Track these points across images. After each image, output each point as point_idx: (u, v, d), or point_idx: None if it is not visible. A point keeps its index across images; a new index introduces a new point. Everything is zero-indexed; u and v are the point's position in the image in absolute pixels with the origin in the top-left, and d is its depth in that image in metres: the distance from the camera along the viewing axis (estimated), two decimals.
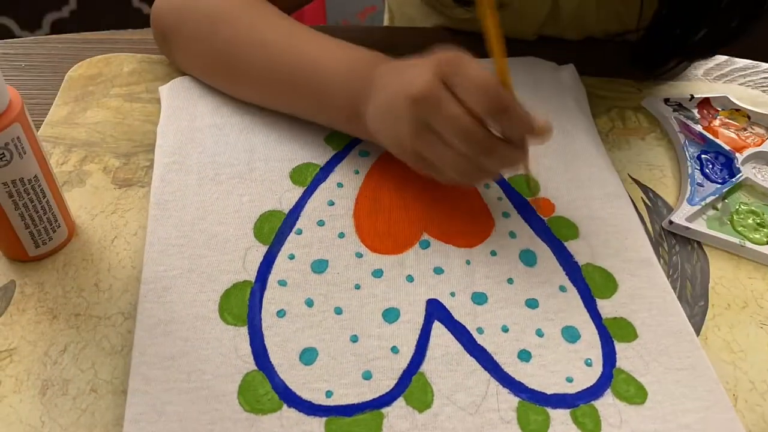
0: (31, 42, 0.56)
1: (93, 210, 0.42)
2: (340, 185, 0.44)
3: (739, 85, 0.58)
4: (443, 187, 0.45)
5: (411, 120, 0.37)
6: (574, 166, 0.47)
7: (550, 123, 0.37)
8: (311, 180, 0.45)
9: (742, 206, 0.46)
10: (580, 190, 0.45)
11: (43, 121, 0.48)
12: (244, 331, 0.36)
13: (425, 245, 0.41)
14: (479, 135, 0.36)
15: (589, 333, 0.37)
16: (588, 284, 0.40)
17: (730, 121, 0.53)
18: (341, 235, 0.41)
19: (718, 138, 0.51)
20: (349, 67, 0.43)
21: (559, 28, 0.60)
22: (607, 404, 0.34)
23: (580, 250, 0.41)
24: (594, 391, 0.35)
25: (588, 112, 0.52)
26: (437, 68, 0.36)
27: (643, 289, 0.40)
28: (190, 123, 0.48)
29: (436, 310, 0.38)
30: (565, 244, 0.42)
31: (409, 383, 0.34)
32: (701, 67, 0.60)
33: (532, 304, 0.38)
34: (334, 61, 0.43)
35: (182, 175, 0.44)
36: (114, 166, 0.45)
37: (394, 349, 0.36)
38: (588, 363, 0.36)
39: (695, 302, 0.40)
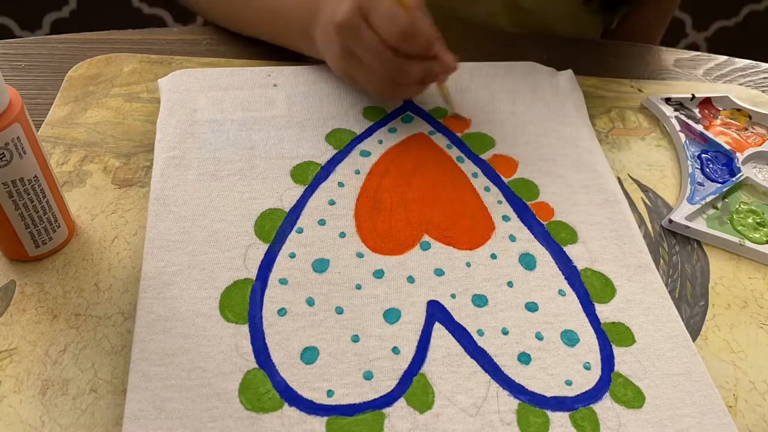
0: (31, 42, 0.56)
1: (93, 210, 0.42)
2: (341, 185, 0.44)
3: (739, 85, 0.58)
4: (444, 189, 0.45)
5: (337, 45, 0.45)
6: (573, 171, 0.47)
7: (455, 62, 0.46)
8: (312, 178, 0.45)
9: (742, 205, 0.46)
10: (579, 195, 0.45)
11: (43, 121, 0.48)
12: (245, 328, 0.36)
13: (426, 247, 0.41)
14: (390, 58, 0.43)
15: (588, 337, 0.37)
16: (587, 289, 0.40)
17: (732, 120, 0.53)
18: (342, 235, 0.41)
19: (718, 137, 0.51)
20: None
21: None
22: (605, 408, 0.34)
23: (579, 255, 0.41)
24: (593, 395, 0.35)
25: (586, 117, 0.52)
26: (357, 1, 0.43)
27: (641, 295, 0.40)
28: (190, 116, 0.48)
29: (436, 312, 0.38)
30: (564, 248, 0.42)
31: (410, 384, 0.34)
32: (701, 67, 0.60)
33: (531, 307, 0.38)
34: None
35: (182, 170, 0.44)
36: (114, 166, 0.45)
37: (395, 350, 0.36)
38: (587, 367, 0.36)
39: (695, 302, 0.40)
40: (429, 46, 0.44)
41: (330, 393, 0.34)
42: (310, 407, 0.33)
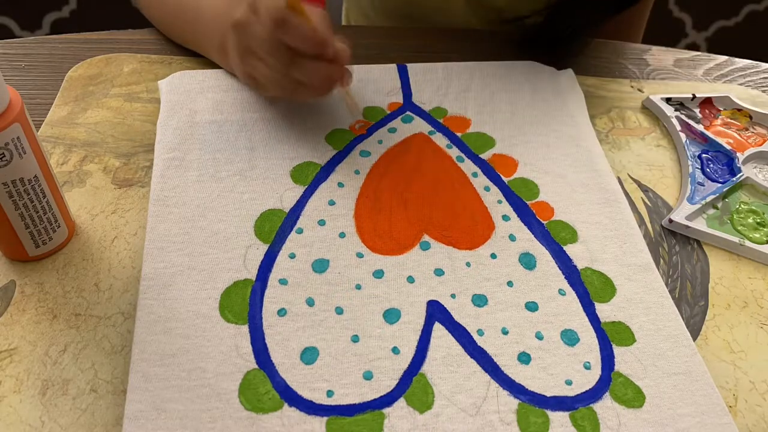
0: (31, 42, 0.56)
1: (93, 210, 0.42)
2: (341, 185, 0.44)
3: (739, 85, 0.58)
4: (444, 189, 0.45)
5: (235, 44, 0.45)
6: (573, 171, 0.47)
7: (345, 48, 0.44)
8: (312, 179, 0.45)
9: (742, 205, 0.46)
10: (579, 194, 0.45)
11: (43, 121, 0.48)
12: (244, 329, 0.36)
13: (426, 246, 0.41)
14: (282, 50, 0.42)
15: (588, 336, 0.37)
16: (587, 288, 0.40)
17: (732, 120, 0.53)
18: (342, 235, 0.41)
19: (719, 138, 0.51)
20: (226, 7, 0.48)
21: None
22: (605, 407, 0.34)
23: (579, 254, 0.41)
24: (593, 394, 0.35)
25: (586, 116, 0.52)
26: (250, 1, 0.43)
27: (641, 294, 0.40)
28: (190, 118, 0.48)
29: (436, 312, 0.38)
30: (564, 248, 0.42)
31: (410, 384, 0.34)
32: (701, 67, 0.60)
33: (531, 307, 0.38)
34: (217, 2, 0.50)
35: (182, 171, 0.44)
36: (114, 166, 0.45)
37: (395, 350, 0.36)
38: (587, 366, 0.36)
39: (695, 302, 0.40)
40: (315, 40, 0.42)
41: (330, 393, 0.34)
42: (310, 407, 0.33)
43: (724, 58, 0.61)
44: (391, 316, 0.37)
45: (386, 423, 0.33)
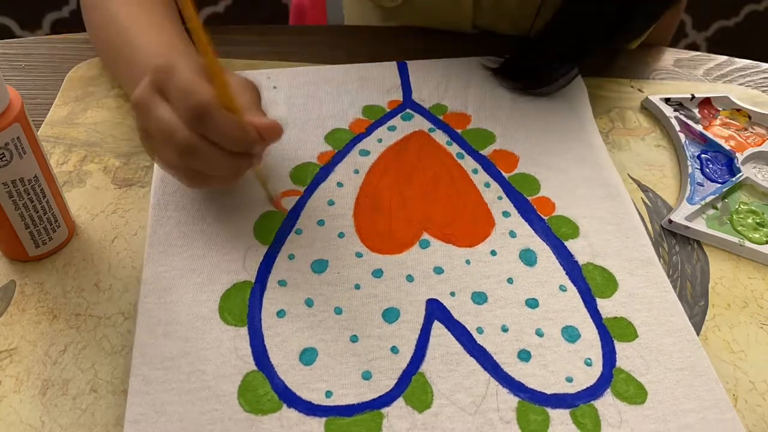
0: (31, 42, 0.56)
1: (93, 210, 0.42)
2: (340, 185, 0.44)
3: (739, 85, 0.58)
4: (444, 186, 0.45)
5: (137, 124, 0.38)
6: (575, 166, 0.47)
7: (278, 126, 0.37)
8: (311, 180, 0.45)
9: (741, 206, 0.46)
10: (580, 189, 0.45)
11: (43, 121, 0.48)
12: (244, 331, 0.36)
13: (425, 245, 0.41)
14: (179, 137, 0.35)
15: (589, 333, 0.37)
16: (588, 284, 0.40)
17: (731, 120, 0.53)
18: (341, 235, 0.41)
19: (718, 138, 0.51)
20: (156, 54, 0.44)
21: (487, 19, 0.61)
22: (606, 404, 0.34)
23: (580, 250, 0.41)
24: (594, 391, 0.35)
25: (589, 111, 0.52)
26: (153, 75, 0.36)
27: (644, 289, 0.39)
28: None
29: (436, 310, 0.38)
30: (566, 243, 0.42)
31: (409, 383, 0.34)
32: (701, 67, 0.60)
33: (532, 303, 0.38)
34: (152, 48, 0.45)
35: None
36: (114, 166, 0.45)
37: (394, 349, 0.36)
38: (588, 363, 0.36)
39: (695, 302, 0.40)
40: (243, 139, 0.36)
41: (328, 394, 0.34)
42: (309, 408, 0.33)
43: (724, 58, 0.61)
44: (391, 315, 0.37)
45: (385, 423, 0.33)
